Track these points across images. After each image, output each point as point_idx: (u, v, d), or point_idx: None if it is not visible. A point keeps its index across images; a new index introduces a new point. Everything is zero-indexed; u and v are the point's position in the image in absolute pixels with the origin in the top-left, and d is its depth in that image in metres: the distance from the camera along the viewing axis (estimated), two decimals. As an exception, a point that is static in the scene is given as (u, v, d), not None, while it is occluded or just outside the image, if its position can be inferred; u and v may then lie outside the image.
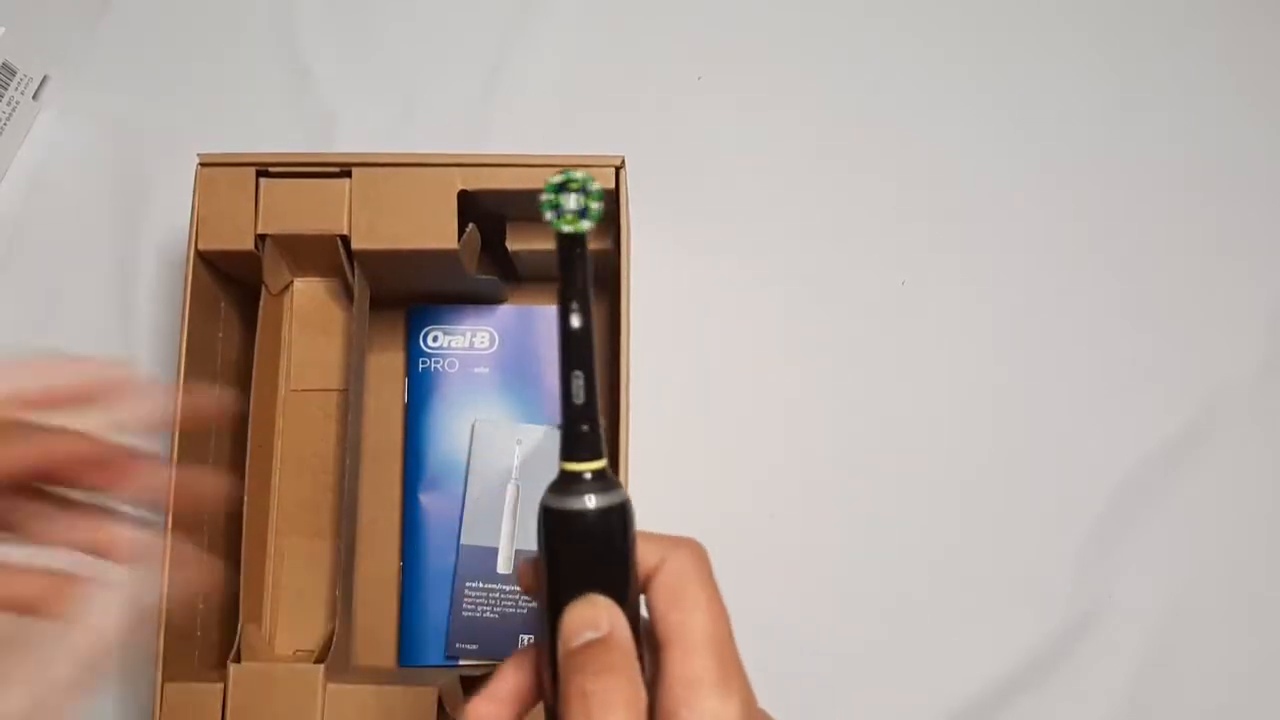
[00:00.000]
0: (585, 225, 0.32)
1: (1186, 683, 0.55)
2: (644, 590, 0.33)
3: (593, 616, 0.32)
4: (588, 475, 0.32)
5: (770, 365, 0.58)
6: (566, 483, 0.32)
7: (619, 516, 0.32)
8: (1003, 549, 0.57)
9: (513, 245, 0.54)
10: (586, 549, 0.32)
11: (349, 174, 0.50)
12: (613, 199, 0.51)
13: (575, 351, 0.32)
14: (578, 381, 0.32)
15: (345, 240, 0.51)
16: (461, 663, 0.55)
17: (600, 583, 0.32)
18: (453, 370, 0.57)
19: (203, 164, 0.50)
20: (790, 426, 0.58)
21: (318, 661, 0.50)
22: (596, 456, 0.32)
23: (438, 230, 0.50)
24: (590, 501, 0.32)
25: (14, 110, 0.60)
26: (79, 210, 0.61)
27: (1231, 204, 0.60)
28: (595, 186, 0.31)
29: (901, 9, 0.63)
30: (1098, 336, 0.59)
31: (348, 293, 0.54)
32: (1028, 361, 0.59)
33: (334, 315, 0.57)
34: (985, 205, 0.60)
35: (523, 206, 0.53)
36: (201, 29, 0.64)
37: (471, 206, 0.51)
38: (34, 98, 0.62)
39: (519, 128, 0.61)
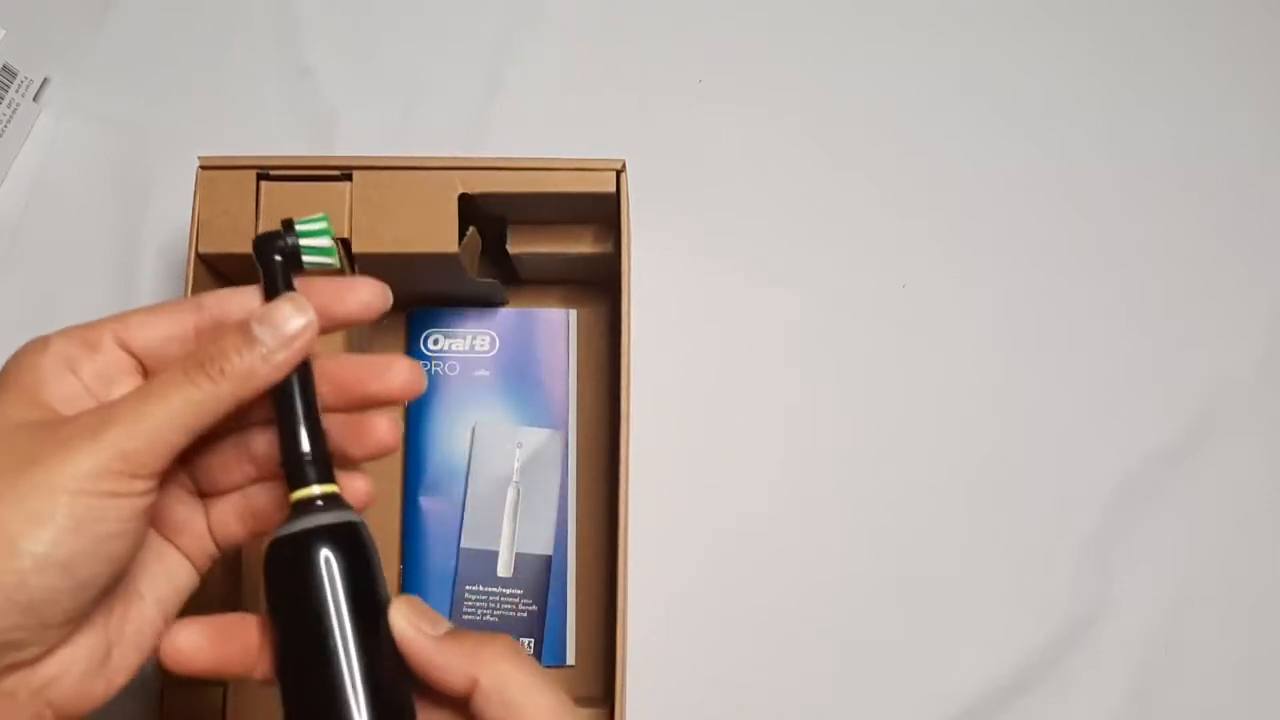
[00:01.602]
0: (328, 260, 0.33)
1: (1188, 683, 0.55)
2: (468, 706, 0.32)
3: (431, 610, 0.32)
4: (319, 501, 0.32)
5: (771, 368, 0.59)
6: (295, 511, 0.32)
7: (352, 536, 0.31)
8: (1004, 549, 0.57)
9: (513, 248, 0.54)
10: (319, 578, 0.31)
11: (350, 177, 0.50)
12: (613, 202, 0.51)
13: (290, 380, 0.32)
14: (296, 410, 0.32)
15: (346, 243, 0.51)
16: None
17: (346, 618, 0.31)
18: (453, 373, 0.57)
19: (203, 166, 0.50)
20: (791, 429, 0.58)
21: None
22: (324, 481, 0.32)
23: (438, 233, 0.50)
24: (320, 520, 0.31)
25: (14, 112, 0.60)
26: (79, 213, 0.61)
27: (1231, 204, 0.61)
28: (328, 224, 0.33)
29: (901, 10, 0.63)
30: (1098, 337, 0.59)
31: (348, 295, 0.54)
32: (1028, 362, 0.59)
33: (335, 317, 0.57)
34: (986, 207, 0.60)
35: (524, 209, 0.53)
36: (202, 31, 0.64)
37: (472, 209, 0.51)
38: (34, 100, 0.61)
39: (520, 130, 0.61)
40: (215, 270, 0.52)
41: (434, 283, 0.55)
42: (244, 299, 0.34)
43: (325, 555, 0.31)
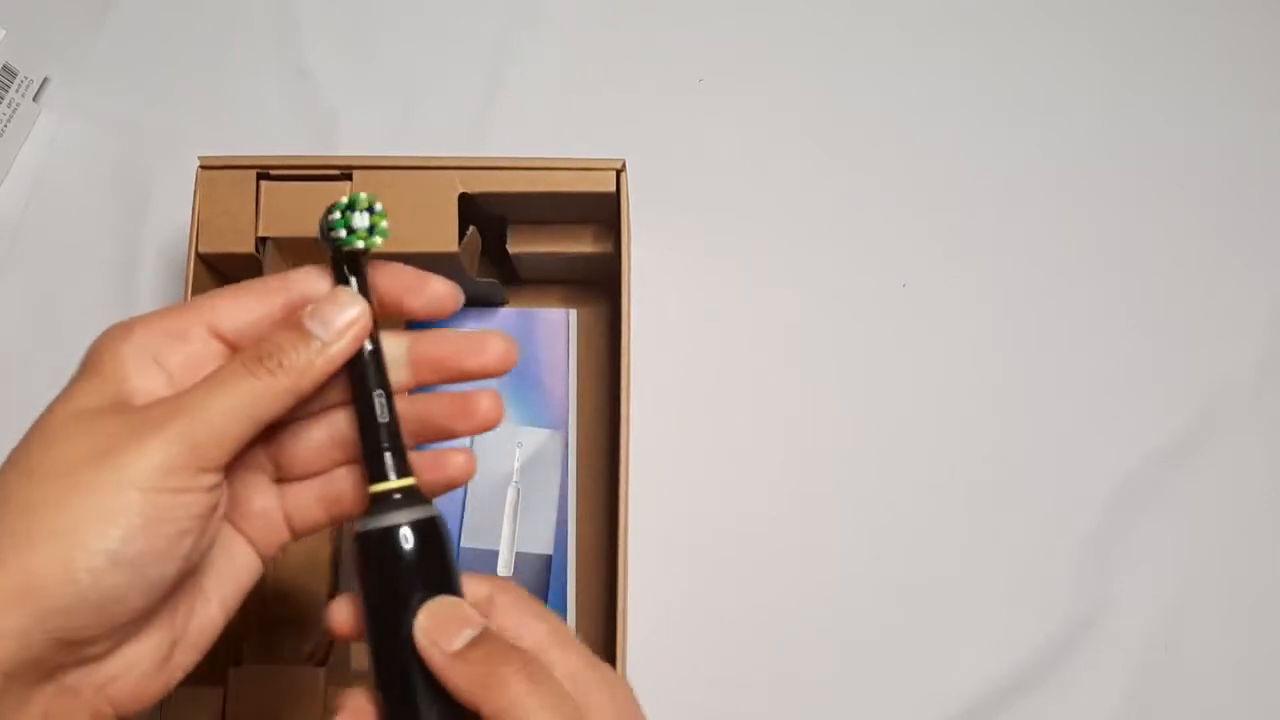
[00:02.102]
0: (378, 240, 0.33)
1: (1187, 683, 0.55)
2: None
3: (461, 615, 0.32)
4: (396, 495, 0.33)
5: (771, 367, 0.59)
6: (376, 505, 0.33)
7: (433, 530, 0.33)
8: (1004, 549, 0.57)
9: (513, 248, 0.54)
10: (405, 568, 0.32)
11: (350, 176, 0.50)
12: (613, 202, 0.51)
13: (364, 374, 0.33)
14: (377, 402, 0.33)
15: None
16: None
17: (424, 603, 0.32)
18: (454, 373, 0.57)
19: (203, 166, 0.50)
20: (791, 429, 0.58)
21: (319, 665, 0.50)
22: (403, 475, 0.33)
23: (438, 233, 0.50)
24: (402, 517, 0.32)
25: (14, 112, 0.60)
26: (79, 212, 0.61)
27: (1231, 204, 0.61)
28: (380, 206, 0.33)
29: (901, 10, 0.63)
30: (1098, 336, 0.59)
31: (348, 295, 0.54)
32: (1028, 362, 0.59)
33: (335, 317, 0.57)
34: (986, 207, 0.60)
35: (524, 209, 0.53)
36: (202, 31, 0.64)
37: (472, 209, 0.51)
38: (34, 99, 0.61)
39: (520, 130, 0.61)
40: (215, 270, 0.52)
41: (434, 283, 0.55)
42: (327, 281, 0.35)
43: (406, 550, 0.32)
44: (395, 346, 0.35)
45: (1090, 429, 0.58)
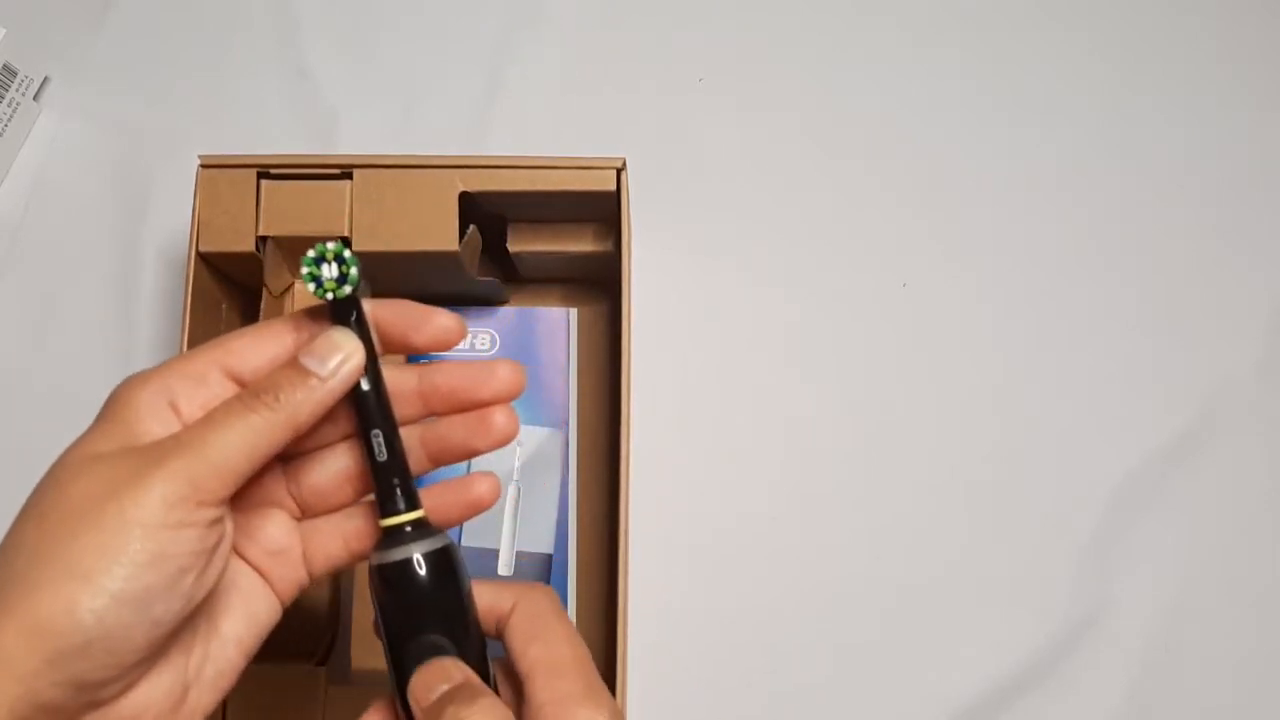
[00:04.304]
0: (347, 290, 0.33)
1: (1188, 683, 0.55)
2: (500, 634, 0.35)
3: (442, 673, 0.33)
4: (408, 527, 0.34)
5: (771, 367, 0.59)
6: (389, 538, 0.34)
7: (444, 559, 0.34)
8: (1004, 549, 0.57)
9: (514, 247, 0.54)
10: (419, 596, 0.33)
11: (350, 176, 0.50)
12: (613, 201, 0.51)
13: (369, 412, 0.34)
14: (377, 440, 0.34)
15: (346, 242, 0.50)
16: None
17: (439, 627, 0.34)
18: (454, 372, 0.57)
19: (203, 165, 0.50)
20: (791, 429, 0.58)
21: (319, 664, 0.50)
22: (412, 508, 0.34)
23: (439, 232, 0.50)
24: (415, 549, 0.33)
25: (14, 111, 0.60)
26: (80, 212, 0.61)
27: (1231, 204, 0.61)
28: (349, 254, 0.33)
29: (901, 10, 0.63)
30: (1098, 336, 0.59)
31: (348, 294, 0.54)
32: (1028, 362, 0.59)
33: (335, 317, 0.57)
34: (986, 206, 0.60)
35: (524, 208, 0.53)
36: (202, 30, 0.64)
37: (472, 208, 0.51)
38: (35, 99, 0.62)
39: (520, 129, 0.61)
40: (216, 269, 0.52)
41: (434, 281, 0.55)
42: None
43: (417, 580, 0.33)
44: (405, 380, 0.36)
45: (1090, 429, 0.58)
